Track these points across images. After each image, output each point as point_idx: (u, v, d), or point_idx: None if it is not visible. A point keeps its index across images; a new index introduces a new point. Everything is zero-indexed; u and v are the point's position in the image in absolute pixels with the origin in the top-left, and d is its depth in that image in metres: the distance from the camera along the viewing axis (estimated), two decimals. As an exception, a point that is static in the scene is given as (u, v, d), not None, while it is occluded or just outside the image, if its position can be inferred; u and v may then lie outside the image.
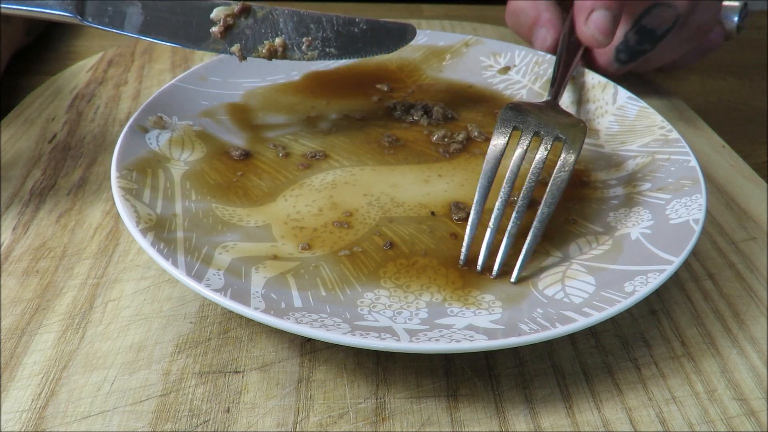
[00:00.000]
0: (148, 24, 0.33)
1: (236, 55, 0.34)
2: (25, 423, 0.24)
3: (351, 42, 0.36)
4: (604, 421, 0.25)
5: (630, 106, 0.40)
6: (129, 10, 0.33)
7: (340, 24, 0.36)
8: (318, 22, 0.35)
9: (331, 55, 0.36)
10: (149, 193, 0.31)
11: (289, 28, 0.35)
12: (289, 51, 0.35)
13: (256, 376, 0.26)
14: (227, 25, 0.34)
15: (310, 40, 0.35)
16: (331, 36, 0.36)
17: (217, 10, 0.34)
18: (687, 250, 0.27)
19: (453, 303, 0.27)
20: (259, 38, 0.35)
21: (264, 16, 0.35)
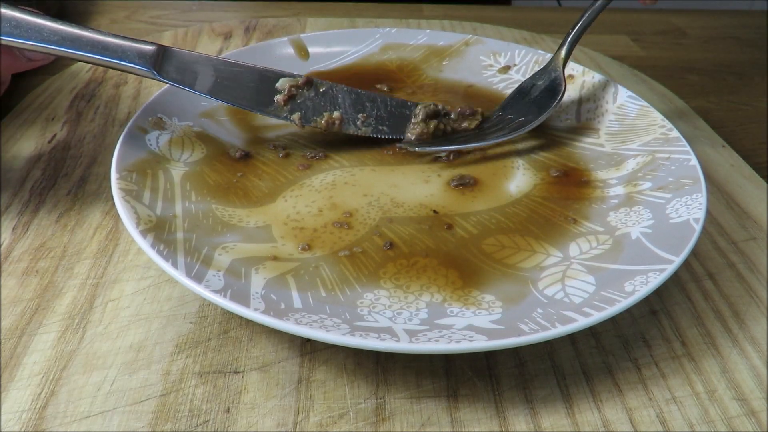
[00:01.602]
0: (217, 86, 0.35)
1: (296, 123, 0.36)
2: (25, 423, 0.24)
3: (402, 122, 0.38)
4: (604, 421, 0.25)
5: (630, 104, 0.40)
6: (202, 71, 0.34)
7: (393, 105, 0.39)
8: (373, 101, 0.38)
9: (383, 132, 0.38)
10: (149, 194, 0.31)
11: (347, 103, 0.38)
12: (345, 125, 0.37)
13: (256, 376, 0.26)
14: (291, 95, 0.36)
15: (366, 117, 0.38)
16: (384, 115, 0.38)
17: (283, 80, 0.36)
18: (687, 249, 0.27)
19: (453, 303, 0.27)
20: (318, 110, 0.37)
21: (325, 91, 0.37)
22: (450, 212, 0.33)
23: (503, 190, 0.35)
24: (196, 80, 0.34)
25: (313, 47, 0.46)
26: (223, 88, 0.35)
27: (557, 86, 0.40)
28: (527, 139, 0.40)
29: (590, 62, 0.55)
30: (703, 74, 0.59)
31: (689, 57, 0.63)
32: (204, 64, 0.35)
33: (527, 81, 0.41)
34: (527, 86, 0.41)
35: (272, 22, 0.62)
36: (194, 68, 0.34)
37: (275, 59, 0.44)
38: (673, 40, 0.66)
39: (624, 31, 0.68)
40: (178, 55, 0.34)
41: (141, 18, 0.65)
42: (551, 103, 0.39)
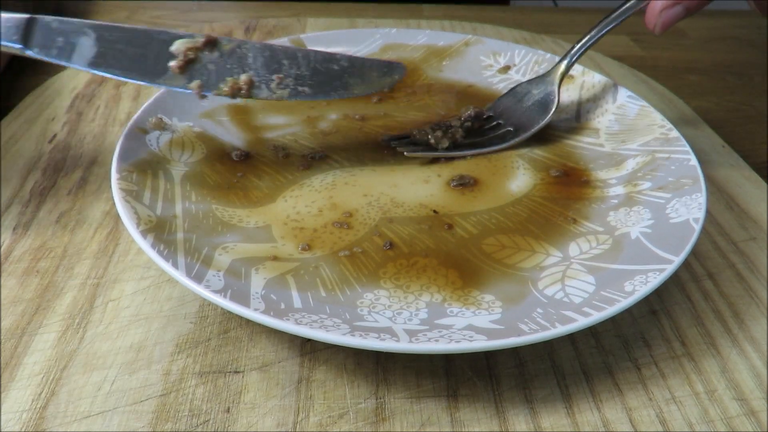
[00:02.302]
0: (100, 56, 0.30)
1: (195, 93, 0.31)
2: (25, 423, 0.24)
3: (328, 80, 0.33)
4: (604, 421, 0.25)
5: (630, 104, 0.40)
6: (81, 41, 0.30)
7: (318, 60, 0.33)
8: (292, 58, 0.32)
9: (304, 93, 0.32)
10: (149, 194, 0.31)
11: (258, 63, 0.32)
12: (256, 89, 0.32)
13: (256, 376, 0.26)
14: (188, 59, 0.31)
15: (282, 78, 0.32)
16: (306, 73, 0.32)
17: (179, 42, 0.31)
18: (687, 249, 0.27)
19: (453, 303, 0.27)
20: (223, 74, 0.32)
21: (231, 50, 0.32)
22: (450, 212, 0.33)
23: (503, 190, 0.35)
24: (73, 52, 0.30)
25: (313, 47, 0.46)
26: (107, 59, 0.30)
27: (549, 102, 0.39)
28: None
29: (590, 62, 0.55)
30: (703, 74, 0.59)
31: (689, 57, 0.63)
32: (84, 32, 0.30)
33: (524, 86, 0.41)
34: (522, 91, 0.41)
35: (272, 22, 0.62)
36: (72, 38, 0.30)
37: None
38: (673, 40, 0.66)
39: (624, 31, 0.68)
40: (49, 24, 0.29)
41: (141, 18, 0.65)
42: (540, 119, 0.39)
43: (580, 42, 0.40)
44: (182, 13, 0.67)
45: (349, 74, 0.33)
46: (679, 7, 0.37)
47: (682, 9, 0.37)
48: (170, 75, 0.31)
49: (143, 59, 0.31)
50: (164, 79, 0.31)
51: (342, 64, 0.33)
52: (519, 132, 0.39)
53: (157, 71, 0.31)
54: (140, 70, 0.31)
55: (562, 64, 0.40)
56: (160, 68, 0.31)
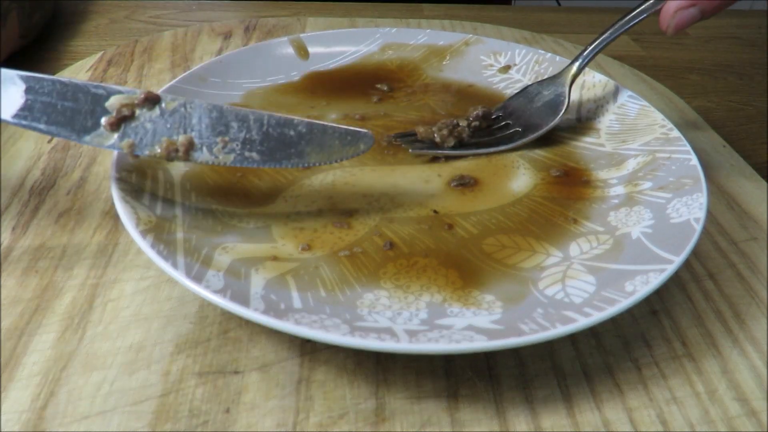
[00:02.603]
0: (26, 108, 0.27)
1: (126, 153, 0.29)
2: (24, 423, 0.24)
3: (281, 146, 0.30)
4: (604, 421, 0.25)
5: (631, 104, 0.40)
6: (8, 91, 0.27)
7: (272, 125, 0.30)
8: (243, 121, 0.29)
9: (251, 159, 0.29)
10: (149, 194, 0.31)
11: (202, 124, 0.29)
12: (196, 151, 0.29)
13: (256, 376, 0.26)
14: (122, 116, 0.28)
15: (226, 141, 0.29)
16: (256, 138, 0.29)
17: (115, 98, 0.29)
18: (688, 249, 0.27)
19: (453, 303, 0.27)
20: (160, 134, 0.29)
21: (174, 109, 0.29)
22: (450, 212, 0.33)
23: (503, 190, 0.35)
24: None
25: (313, 47, 0.46)
26: (33, 111, 0.28)
27: (559, 103, 0.39)
28: (527, 138, 0.40)
29: (591, 62, 0.55)
30: (703, 74, 0.59)
31: (689, 57, 0.63)
32: (12, 82, 0.28)
33: (535, 86, 0.41)
34: (533, 92, 0.41)
35: (272, 22, 0.61)
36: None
37: (275, 59, 0.45)
38: (673, 40, 0.66)
39: (624, 30, 0.68)
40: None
41: (140, 17, 0.65)
42: (550, 120, 0.39)
43: (593, 44, 0.40)
44: (182, 12, 0.67)
45: (306, 141, 0.30)
46: (694, 9, 0.37)
47: (698, 11, 0.37)
48: (101, 132, 0.28)
49: (74, 114, 0.28)
50: (93, 136, 0.28)
51: (299, 129, 0.30)
52: (527, 132, 0.39)
53: (87, 127, 0.28)
54: (69, 125, 0.28)
55: (573, 66, 0.40)
56: (90, 124, 0.28)
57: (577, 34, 0.65)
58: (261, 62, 0.44)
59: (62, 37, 0.59)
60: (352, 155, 0.30)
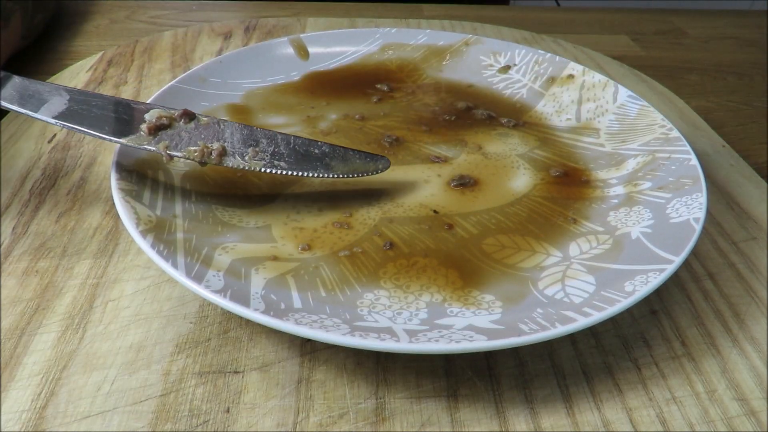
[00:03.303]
0: (69, 111, 0.30)
1: (161, 154, 0.30)
2: (25, 423, 0.24)
3: (307, 159, 0.32)
4: (604, 421, 0.25)
5: (630, 104, 0.40)
6: (53, 99, 0.30)
7: (298, 143, 0.32)
8: (271, 138, 0.32)
9: (280, 167, 0.31)
10: (149, 194, 0.31)
11: (234, 138, 0.31)
12: (229, 157, 0.31)
13: (256, 376, 0.26)
14: (160, 125, 0.31)
15: (257, 151, 0.31)
16: (283, 152, 0.31)
17: (154, 111, 0.31)
18: (687, 249, 0.27)
19: (453, 303, 0.27)
20: (195, 141, 0.31)
21: (208, 124, 0.32)
22: (450, 212, 0.33)
23: (503, 190, 0.35)
24: (41, 106, 0.30)
25: (313, 47, 0.46)
26: (76, 116, 0.30)
27: None
28: (527, 138, 0.40)
29: (590, 62, 0.55)
30: (703, 74, 0.59)
31: (689, 57, 0.63)
32: (58, 93, 0.31)
33: None
34: None
35: (272, 22, 0.62)
36: (42, 95, 0.30)
37: (275, 59, 0.45)
38: (673, 40, 0.66)
39: (624, 31, 0.68)
40: (23, 82, 0.30)
41: (141, 18, 0.65)
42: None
43: None
44: (182, 12, 0.67)
45: (330, 157, 0.32)
46: None
47: None
48: (139, 135, 0.31)
49: (113, 121, 0.30)
50: (131, 138, 0.30)
51: (323, 149, 0.32)
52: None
53: (126, 131, 0.30)
54: (108, 127, 0.30)
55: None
56: (129, 129, 0.31)
57: (577, 35, 0.65)
58: (261, 62, 0.44)
59: (63, 37, 0.59)
60: (372, 172, 0.33)
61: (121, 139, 0.30)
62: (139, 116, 0.31)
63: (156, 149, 0.30)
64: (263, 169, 0.31)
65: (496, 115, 0.42)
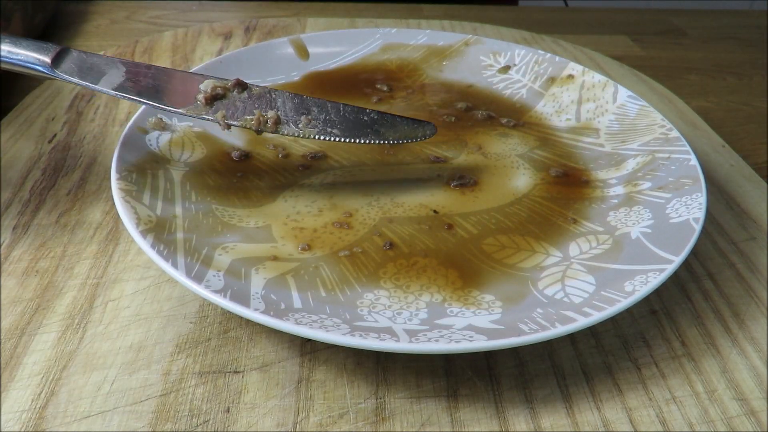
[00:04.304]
0: (128, 84, 0.31)
1: (219, 123, 0.31)
2: (25, 423, 0.24)
3: (357, 126, 0.32)
4: (604, 421, 0.25)
5: (630, 104, 0.40)
6: (110, 71, 0.31)
7: (348, 111, 0.33)
8: (321, 106, 0.33)
9: (332, 134, 0.32)
10: (149, 194, 0.31)
11: (287, 107, 0.32)
12: (283, 125, 0.32)
13: (256, 376, 0.26)
14: (215, 94, 0.32)
15: (309, 119, 0.32)
16: (335, 119, 0.32)
17: (208, 81, 0.32)
18: (687, 249, 0.27)
19: (453, 303, 0.27)
20: (250, 110, 0.32)
21: (260, 94, 0.33)
22: (450, 212, 0.33)
23: (503, 189, 0.35)
24: (100, 79, 0.31)
25: (313, 47, 0.46)
26: (134, 88, 0.31)
27: None
28: (527, 138, 0.40)
29: (590, 62, 0.55)
30: (703, 74, 0.59)
31: (689, 57, 0.63)
32: (114, 65, 0.32)
33: None
34: None
35: (272, 22, 0.62)
36: (101, 68, 0.31)
37: (275, 59, 0.45)
38: (673, 40, 0.66)
39: (624, 31, 0.68)
40: (80, 55, 0.31)
41: (141, 18, 0.65)
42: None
43: None
44: (182, 13, 0.67)
45: (379, 124, 0.33)
46: None
47: None
48: (196, 105, 0.31)
49: (170, 91, 0.32)
50: (189, 108, 0.31)
51: (372, 116, 0.33)
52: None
53: (183, 101, 0.31)
54: (166, 98, 0.31)
55: None
56: (186, 99, 0.31)
57: (576, 35, 0.65)
58: (261, 62, 0.44)
59: (63, 37, 0.59)
60: (420, 137, 0.33)
61: (179, 109, 0.31)
62: (194, 87, 0.32)
63: (214, 119, 0.31)
64: (317, 136, 0.31)
65: (496, 115, 0.42)
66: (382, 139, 0.32)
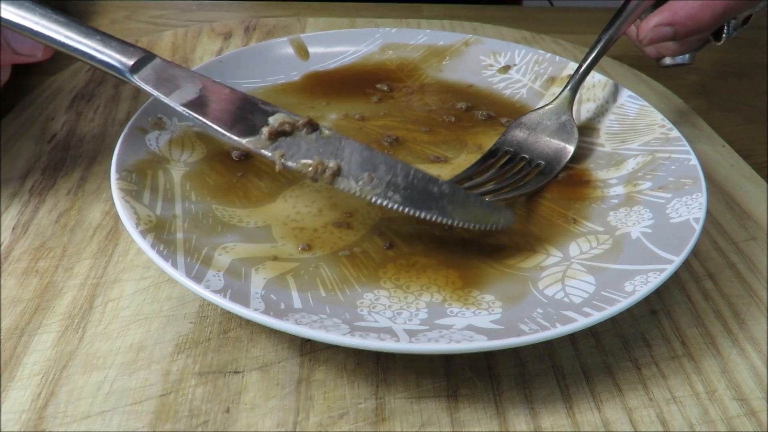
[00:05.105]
0: (199, 101, 0.30)
1: (276, 161, 0.30)
2: (24, 423, 0.24)
3: (423, 197, 0.29)
4: (604, 421, 0.25)
5: (630, 104, 0.40)
6: (186, 85, 0.31)
7: (417, 177, 0.29)
8: (391, 166, 0.29)
9: (393, 200, 0.29)
10: (149, 194, 0.31)
11: (353, 158, 0.30)
12: (342, 177, 0.29)
13: (256, 376, 0.26)
14: (282, 130, 0.30)
15: (372, 177, 0.29)
16: (400, 183, 0.29)
17: (279, 115, 0.31)
18: (687, 249, 0.27)
19: (453, 303, 0.27)
20: (311, 154, 0.30)
21: (329, 139, 0.30)
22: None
23: (503, 190, 0.35)
24: (173, 91, 0.31)
25: (313, 47, 0.46)
26: (203, 106, 0.31)
27: (569, 133, 0.38)
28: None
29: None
30: (703, 74, 0.59)
31: (689, 57, 0.63)
32: (191, 79, 0.31)
33: (531, 116, 0.39)
34: (533, 122, 0.38)
35: (272, 22, 0.62)
36: (177, 80, 0.31)
37: (275, 59, 0.45)
38: (673, 40, 0.66)
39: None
40: (163, 64, 0.31)
41: (141, 18, 0.65)
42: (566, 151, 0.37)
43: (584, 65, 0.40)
44: (182, 12, 0.67)
45: (448, 200, 0.29)
46: (670, 29, 0.40)
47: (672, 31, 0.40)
48: (258, 138, 0.30)
49: (238, 118, 0.30)
50: (251, 139, 0.30)
51: (443, 189, 0.29)
52: (552, 165, 0.36)
53: (247, 130, 0.30)
54: (231, 124, 0.30)
55: (566, 91, 0.39)
56: (250, 129, 0.30)
57: (576, 34, 0.65)
58: (261, 62, 0.44)
59: (62, 37, 0.59)
60: (491, 226, 0.29)
61: (241, 139, 0.30)
62: (263, 118, 0.31)
63: (271, 156, 0.30)
64: (375, 198, 0.29)
65: (496, 115, 0.42)
66: (448, 219, 0.29)
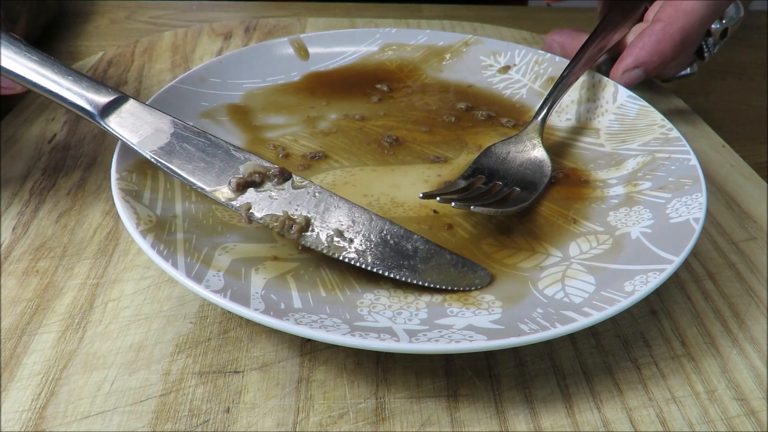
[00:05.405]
0: (168, 148, 0.30)
1: (242, 214, 0.29)
2: (25, 423, 0.24)
3: (395, 255, 0.28)
4: (604, 421, 0.25)
5: (630, 104, 0.40)
6: (157, 129, 0.30)
7: (392, 233, 0.28)
8: (366, 222, 0.29)
9: (363, 259, 0.28)
10: (149, 194, 0.31)
11: (325, 213, 0.29)
12: (309, 233, 0.28)
13: (256, 376, 0.26)
14: (251, 181, 0.29)
15: (341, 232, 0.28)
16: (372, 239, 0.28)
17: (249, 164, 0.30)
18: (687, 249, 0.27)
19: (453, 303, 0.27)
20: (280, 207, 0.29)
21: (300, 189, 0.29)
22: (450, 212, 0.33)
23: (503, 190, 0.35)
24: (144, 136, 0.30)
25: (313, 47, 0.46)
26: (172, 152, 0.30)
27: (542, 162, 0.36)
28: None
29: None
30: (703, 74, 0.59)
31: (689, 57, 0.63)
32: (163, 122, 0.31)
33: (499, 146, 0.36)
34: (501, 152, 0.36)
35: (272, 22, 0.62)
36: (150, 125, 0.30)
37: (275, 59, 0.45)
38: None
39: (624, 31, 0.68)
40: (135, 106, 0.31)
41: (141, 18, 0.65)
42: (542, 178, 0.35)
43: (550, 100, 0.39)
44: (182, 13, 0.67)
45: (421, 258, 0.28)
46: (639, 70, 0.42)
47: (642, 72, 0.42)
48: (225, 189, 0.29)
49: (207, 166, 0.30)
50: (217, 190, 0.29)
51: (417, 245, 0.28)
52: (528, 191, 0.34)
53: (215, 180, 0.29)
54: (200, 172, 0.29)
55: (537, 121, 0.38)
56: (219, 179, 0.29)
57: (576, 35, 0.65)
58: (261, 62, 0.44)
59: (63, 37, 0.59)
60: (465, 287, 0.28)
61: (207, 189, 0.29)
62: (234, 165, 0.30)
63: (237, 209, 0.29)
64: (341, 256, 0.28)
65: (496, 115, 0.42)
66: (419, 280, 0.28)
